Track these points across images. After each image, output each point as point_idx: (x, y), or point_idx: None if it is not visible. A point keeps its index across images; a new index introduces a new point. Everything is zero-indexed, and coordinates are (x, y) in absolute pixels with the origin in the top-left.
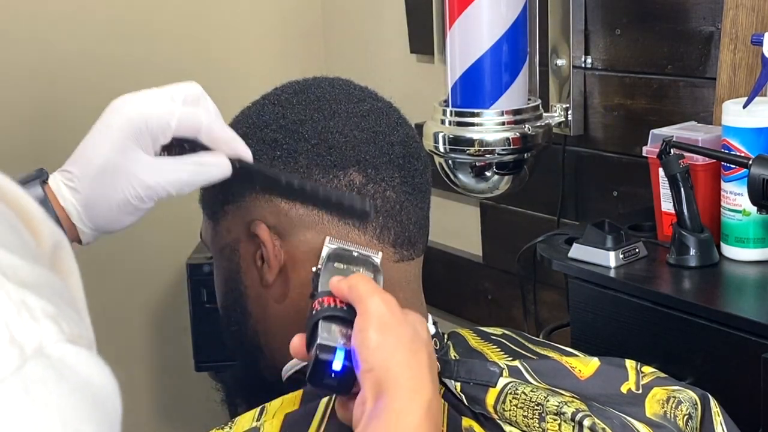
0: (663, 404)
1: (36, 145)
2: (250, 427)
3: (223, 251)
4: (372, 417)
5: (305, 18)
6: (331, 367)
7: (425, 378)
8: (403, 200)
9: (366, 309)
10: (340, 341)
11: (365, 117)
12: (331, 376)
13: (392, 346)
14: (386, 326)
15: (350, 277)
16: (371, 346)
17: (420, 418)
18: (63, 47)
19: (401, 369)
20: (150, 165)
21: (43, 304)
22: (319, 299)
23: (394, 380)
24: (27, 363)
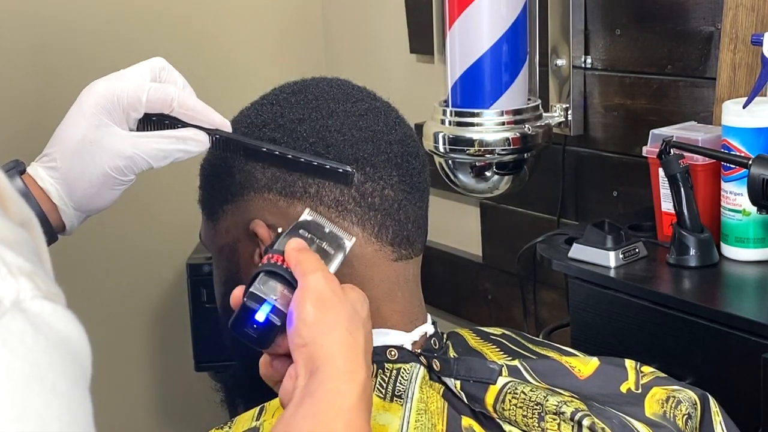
0: (662, 404)
1: (36, 144)
2: (249, 426)
3: (223, 251)
4: (305, 395)
5: (305, 18)
6: (254, 316)
7: (360, 359)
8: (401, 199)
9: (306, 283)
10: (273, 297)
11: (363, 116)
12: (253, 327)
13: (330, 324)
14: (325, 303)
15: (303, 251)
16: (308, 320)
17: (355, 400)
18: (62, 46)
19: (337, 348)
20: (126, 137)
21: (21, 262)
22: (269, 254)
23: (329, 359)
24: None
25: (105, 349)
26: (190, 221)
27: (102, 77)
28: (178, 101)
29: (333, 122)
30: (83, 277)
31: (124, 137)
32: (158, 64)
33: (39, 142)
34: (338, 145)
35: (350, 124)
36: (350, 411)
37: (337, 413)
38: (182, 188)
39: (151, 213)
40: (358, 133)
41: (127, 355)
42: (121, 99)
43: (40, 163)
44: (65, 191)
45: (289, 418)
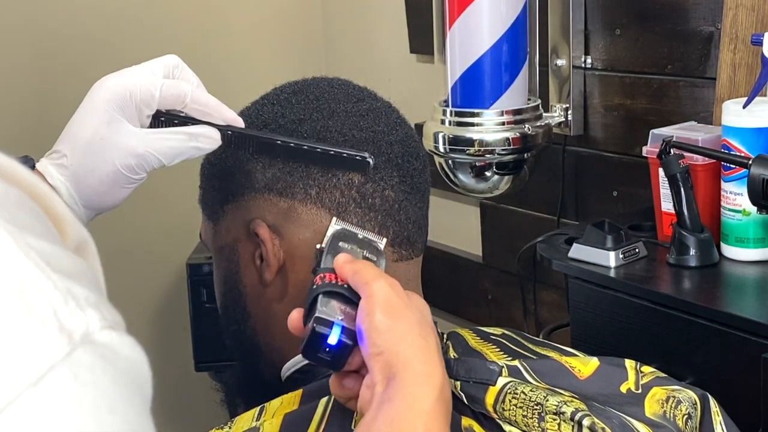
0: (662, 404)
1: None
2: (249, 426)
3: (223, 251)
4: (384, 400)
5: (305, 18)
6: (326, 340)
7: (436, 362)
8: (401, 199)
9: (372, 292)
10: (339, 317)
11: (364, 116)
12: (326, 350)
13: (402, 330)
14: (394, 309)
15: (356, 261)
16: (381, 328)
17: (433, 402)
18: (62, 46)
19: (413, 353)
20: (138, 134)
21: (87, 293)
22: (320, 274)
23: (405, 364)
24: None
25: None
26: (190, 221)
27: (113, 72)
28: (191, 98)
29: (333, 123)
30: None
31: (136, 134)
32: (172, 61)
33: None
34: (338, 145)
35: (351, 124)
36: (429, 413)
37: (416, 416)
38: (182, 188)
39: (151, 212)
40: (359, 133)
41: None
42: (134, 94)
43: (50, 159)
44: (75, 189)
45: (369, 424)
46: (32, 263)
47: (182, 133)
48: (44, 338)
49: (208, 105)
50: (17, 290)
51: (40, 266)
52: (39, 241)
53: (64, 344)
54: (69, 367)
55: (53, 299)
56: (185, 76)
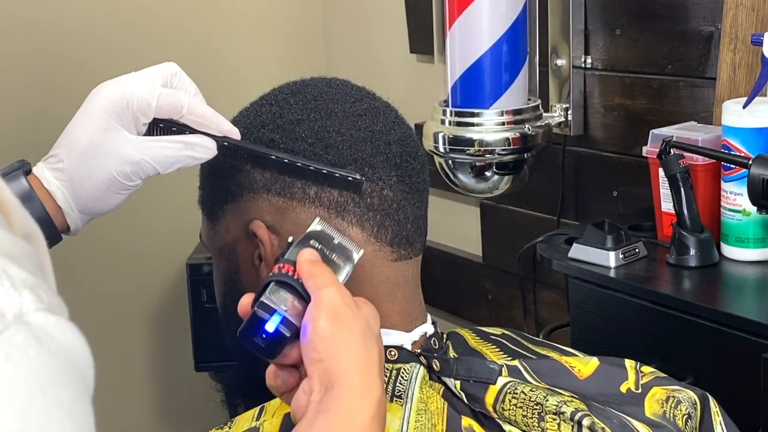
0: (662, 404)
1: (34, 144)
2: (249, 426)
3: (222, 251)
4: (320, 410)
5: (305, 18)
6: (263, 326)
7: (375, 375)
8: (400, 199)
9: (320, 297)
10: (283, 307)
11: (362, 116)
12: (262, 336)
13: (345, 339)
14: (339, 317)
15: (316, 263)
16: (323, 335)
17: (370, 417)
18: (62, 46)
19: (353, 364)
20: (134, 142)
21: (24, 275)
22: (279, 264)
23: (345, 375)
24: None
25: (105, 349)
26: (190, 221)
27: (111, 79)
28: (188, 108)
29: (332, 123)
30: (83, 278)
31: (132, 142)
32: (170, 69)
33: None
34: (337, 145)
35: (349, 124)
36: (365, 427)
37: (351, 429)
38: (182, 188)
39: (152, 213)
40: (357, 133)
41: (127, 355)
42: (131, 103)
43: (47, 164)
44: (70, 194)
45: (305, 431)
46: None
47: (178, 141)
48: None
49: (205, 116)
50: None
51: None
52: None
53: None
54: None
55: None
56: (183, 85)
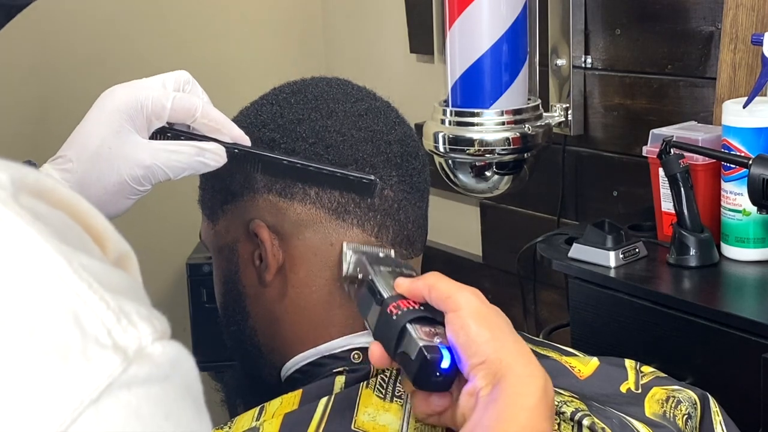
0: (662, 404)
1: (35, 146)
2: (249, 427)
3: (222, 251)
4: (489, 401)
5: (305, 18)
6: (439, 366)
7: (536, 363)
8: (401, 199)
9: (459, 305)
10: (437, 340)
11: (363, 116)
12: (438, 375)
13: (499, 338)
14: (486, 318)
15: (424, 277)
16: (481, 339)
17: (537, 400)
18: (62, 47)
19: (514, 358)
20: (147, 146)
21: (137, 307)
22: (393, 304)
23: (509, 368)
24: (131, 366)
25: None
26: (190, 221)
27: (122, 83)
28: (201, 112)
29: (332, 122)
30: None
31: (145, 146)
32: (183, 77)
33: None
34: (337, 145)
35: (349, 124)
36: (532, 409)
37: (519, 411)
38: (183, 188)
39: (152, 212)
40: (358, 133)
41: None
42: (145, 106)
43: (54, 164)
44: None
45: (475, 423)
46: (86, 285)
47: (191, 146)
48: (101, 358)
49: (218, 121)
50: (73, 314)
51: (93, 287)
52: (89, 260)
53: (119, 362)
54: (125, 382)
55: (106, 319)
56: (195, 92)
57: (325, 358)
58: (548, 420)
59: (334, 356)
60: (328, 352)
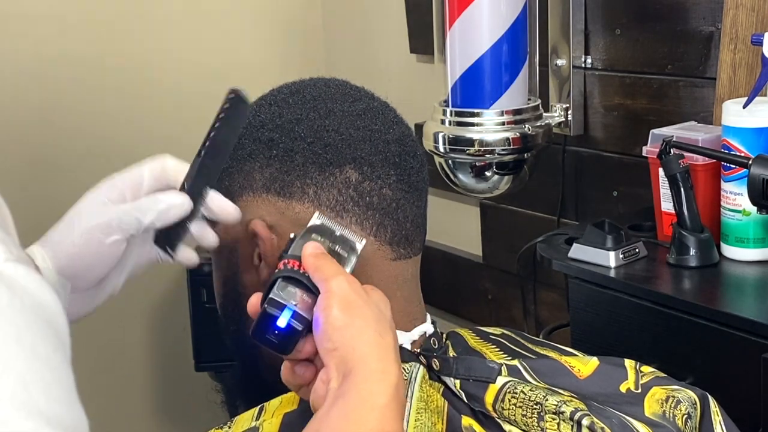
0: (662, 404)
1: (34, 147)
2: (249, 426)
3: (222, 251)
4: (338, 396)
5: (305, 18)
6: (275, 322)
7: (392, 360)
8: (399, 198)
9: (329, 288)
10: (293, 302)
11: (361, 116)
12: (274, 332)
13: (359, 327)
14: (351, 306)
15: (320, 256)
16: (337, 324)
17: (388, 399)
18: (61, 48)
19: (369, 350)
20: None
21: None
22: (285, 260)
23: (361, 361)
24: None
25: (105, 348)
26: None
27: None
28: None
29: (330, 122)
30: None
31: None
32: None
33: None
34: (335, 144)
35: (348, 123)
36: (382, 410)
37: (369, 411)
38: None
39: None
40: (356, 132)
41: (127, 355)
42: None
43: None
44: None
45: (322, 418)
46: None
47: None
48: None
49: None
50: None
51: None
52: None
53: None
54: None
55: None
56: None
57: None
58: (399, 420)
59: None
60: None
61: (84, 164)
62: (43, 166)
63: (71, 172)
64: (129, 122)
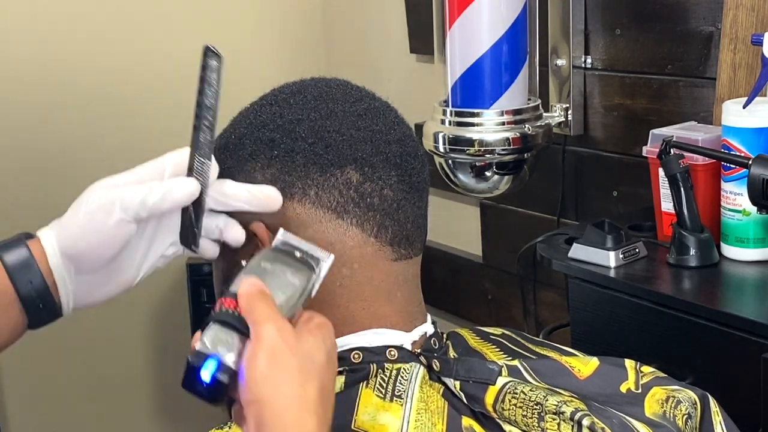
0: (662, 404)
1: (34, 147)
2: None
3: (222, 252)
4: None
5: (305, 18)
6: (198, 375)
7: (310, 411)
8: (400, 198)
9: (258, 335)
10: (221, 350)
11: (362, 116)
12: (202, 385)
13: (280, 379)
14: (276, 357)
15: (255, 295)
16: (257, 377)
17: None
18: (60, 48)
19: (287, 404)
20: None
21: None
22: (222, 299)
23: (276, 415)
24: None
25: (105, 348)
26: None
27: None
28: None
29: (331, 122)
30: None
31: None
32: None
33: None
34: (336, 145)
35: (349, 124)
36: None
37: None
38: None
39: None
40: (357, 133)
41: (127, 355)
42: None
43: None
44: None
45: None
46: None
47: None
48: None
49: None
50: None
51: None
52: None
53: None
54: None
55: None
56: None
57: None
58: None
59: None
60: None
61: (84, 164)
62: (43, 166)
63: (72, 172)
64: (129, 122)
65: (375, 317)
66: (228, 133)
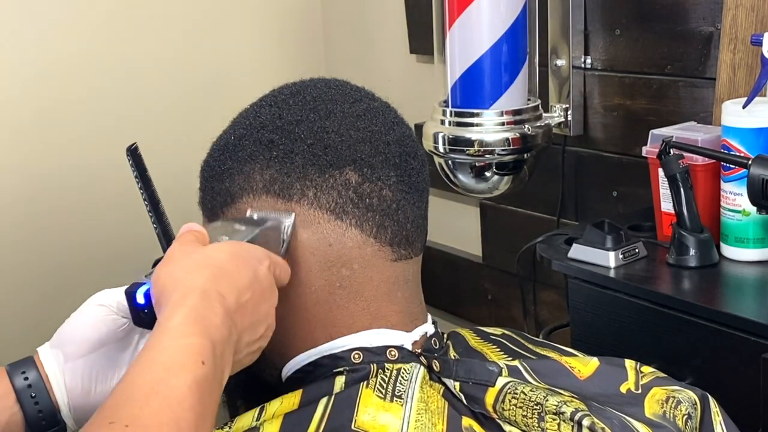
0: (662, 404)
1: (34, 148)
2: (249, 427)
3: None
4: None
5: (305, 18)
6: (135, 299)
7: (195, 290)
8: (399, 199)
9: (178, 237)
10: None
11: (361, 117)
12: (141, 309)
13: (169, 273)
14: (170, 259)
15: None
16: (156, 279)
17: (183, 318)
18: (60, 48)
19: (174, 286)
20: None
21: None
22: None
23: (166, 297)
24: None
25: None
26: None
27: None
28: None
29: (331, 123)
30: (84, 277)
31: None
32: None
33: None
34: (336, 146)
35: (348, 124)
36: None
37: (161, 334)
38: (183, 190)
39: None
40: (356, 133)
41: None
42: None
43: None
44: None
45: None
46: None
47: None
48: None
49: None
50: None
51: None
52: None
53: None
54: None
55: None
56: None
57: (326, 358)
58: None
59: (334, 356)
60: (329, 352)
61: (85, 165)
62: (43, 166)
63: (72, 171)
64: (129, 123)
65: (375, 317)
66: (227, 134)
